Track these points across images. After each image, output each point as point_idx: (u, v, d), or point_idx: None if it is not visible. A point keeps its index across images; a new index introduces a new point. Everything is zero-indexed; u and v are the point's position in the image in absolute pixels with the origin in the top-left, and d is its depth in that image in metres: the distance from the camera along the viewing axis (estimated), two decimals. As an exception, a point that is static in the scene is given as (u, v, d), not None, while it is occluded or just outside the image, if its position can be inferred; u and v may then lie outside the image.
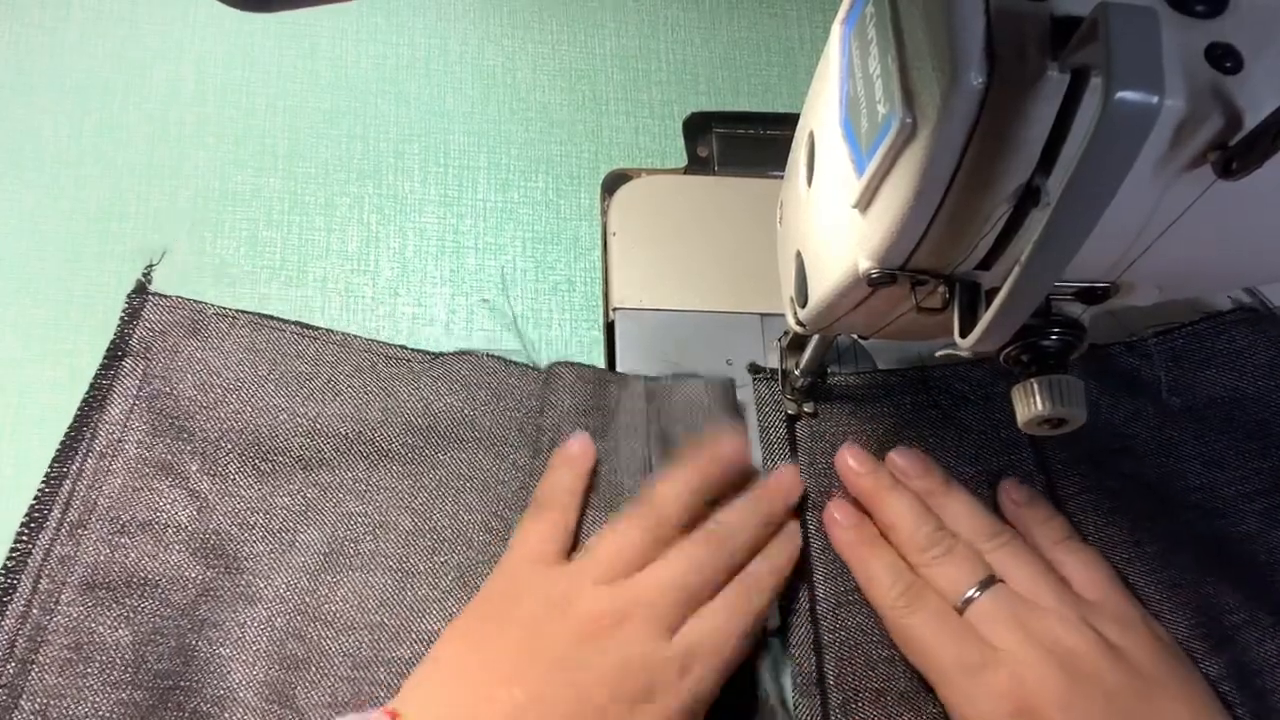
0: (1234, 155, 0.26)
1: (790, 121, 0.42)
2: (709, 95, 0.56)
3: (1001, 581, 0.40)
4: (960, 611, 0.40)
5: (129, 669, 0.38)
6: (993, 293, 0.29)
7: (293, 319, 0.47)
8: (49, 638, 0.38)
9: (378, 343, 0.47)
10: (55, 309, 0.46)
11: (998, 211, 0.29)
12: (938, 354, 0.36)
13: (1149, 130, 0.23)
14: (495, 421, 0.46)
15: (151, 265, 0.47)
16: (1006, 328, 0.29)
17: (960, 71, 0.26)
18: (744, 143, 0.55)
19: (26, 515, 0.40)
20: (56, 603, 0.39)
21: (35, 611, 0.39)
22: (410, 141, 0.53)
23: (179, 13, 0.54)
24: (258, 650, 0.40)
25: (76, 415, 0.43)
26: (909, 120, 0.28)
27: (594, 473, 0.44)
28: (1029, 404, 0.32)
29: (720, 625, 0.39)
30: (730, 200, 0.53)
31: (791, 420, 0.47)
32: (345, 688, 0.39)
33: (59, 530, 0.40)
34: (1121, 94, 0.22)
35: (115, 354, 0.44)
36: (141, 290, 0.46)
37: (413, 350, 0.47)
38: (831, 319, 0.38)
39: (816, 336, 0.44)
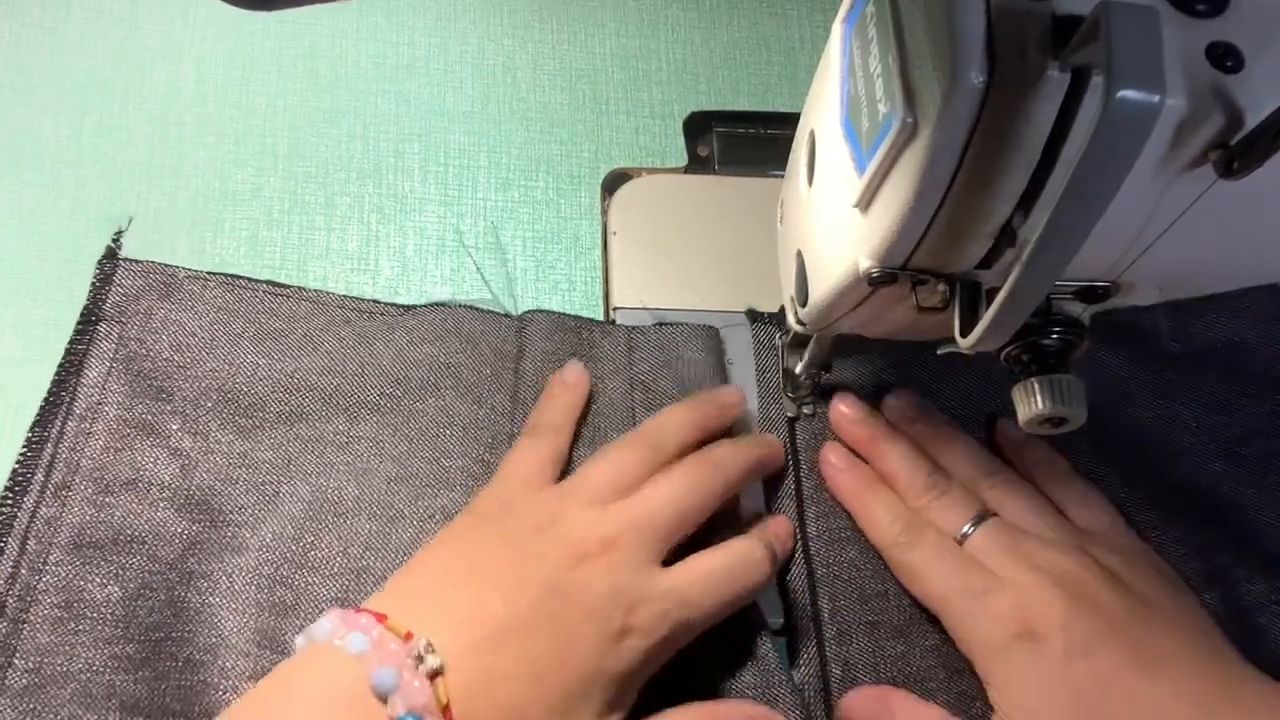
0: (1235, 154, 0.26)
1: (791, 121, 0.42)
2: (709, 95, 0.56)
3: (998, 516, 0.41)
4: (959, 544, 0.40)
5: (120, 624, 0.39)
6: (993, 292, 0.29)
7: (264, 279, 0.47)
8: (39, 597, 0.39)
9: (350, 298, 0.48)
10: (55, 309, 0.46)
11: (998, 211, 0.29)
12: (939, 353, 0.36)
13: (1150, 129, 0.23)
14: (472, 368, 0.47)
15: (121, 231, 0.47)
16: (1007, 327, 0.29)
17: (961, 71, 0.26)
18: (744, 142, 0.55)
19: (10, 479, 0.41)
20: (45, 563, 0.40)
21: (24, 572, 0.39)
22: (410, 141, 0.53)
23: (179, 13, 0.54)
24: (246, 599, 0.40)
25: (54, 380, 0.43)
26: (910, 119, 0.28)
27: (588, 401, 0.45)
28: (1030, 403, 0.32)
29: (715, 576, 0.38)
30: (730, 200, 0.53)
31: (791, 422, 0.47)
32: None
33: (43, 492, 0.41)
34: (1122, 93, 0.22)
35: (89, 319, 0.45)
36: (112, 256, 0.46)
37: (386, 304, 0.48)
38: (832, 318, 0.38)
39: (817, 336, 0.44)
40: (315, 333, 0.46)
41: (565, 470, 0.43)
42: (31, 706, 0.37)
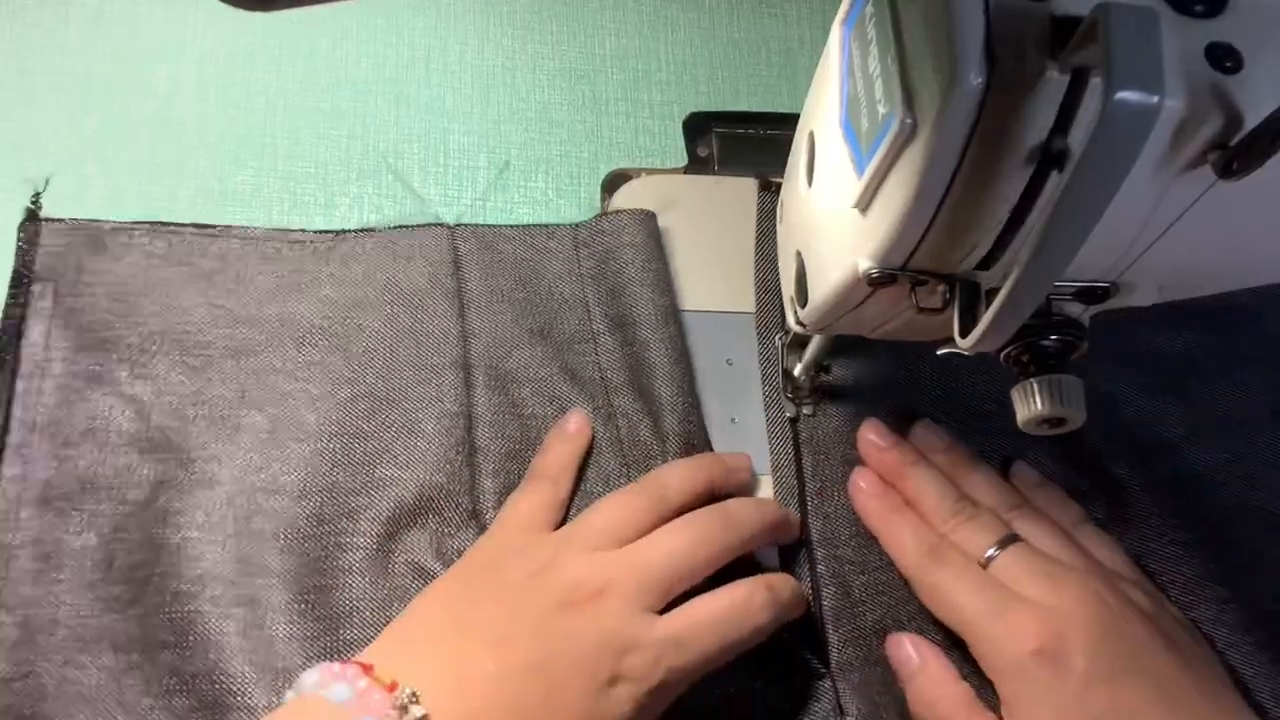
0: (1234, 155, 0.26)
1: (790, 122, 0.42)
2: (709, 95, 0.56)
3: (1023, 541, 0.41)
4: (984, 567, 0.40)
5: (101, 568, 0.40)
6: (992, 293, 0.29)
7: (189, 222, 0.48)
8: (16, 553, 0.40)
9: (278, 230, 0.48)
10: (55, 309, 0.46)
11: (998, 212, 0.29)
12: (939, 353, 0.36)
13: (1149, 130, 0.23)
14: (408, 279, 0.47)
15: (39, 193, 0.47)
16: (1006, 328, 0.29)
17: (960, 71, 0.26)
18: (744, 143, 0.55)
19: None
20: (17, 519, 0.40)
21: None
22: (410, 141, 0.53)
23: (179, 13, 0.54)
24: (225, 530, 0.41)
25: None
26: (909, 120, 0.28)
27: (590, 448, 0.44)
28: (1029, 404, 0.32)
29: (713, 624, 0.37)
30: (730, 200, 0.53)
31: (792, 422, 0.47)
32: (313, 545, 0.42)
33: (2, 454, 0.41)
34: (1121, 94, 0.22)
35: (20, 281, 0.45)
36: (34, 217, 0.46)
37: (314, 232, 0.48)
38: (831, 319, 0.38)
39: (817, 336, 0.44)
40: (249, 269, 0.47)
41: (566, 516, 0.42)
42: (25, 656, 0.38)
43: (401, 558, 0.42)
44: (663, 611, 0.37)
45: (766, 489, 0.45)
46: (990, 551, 0.40)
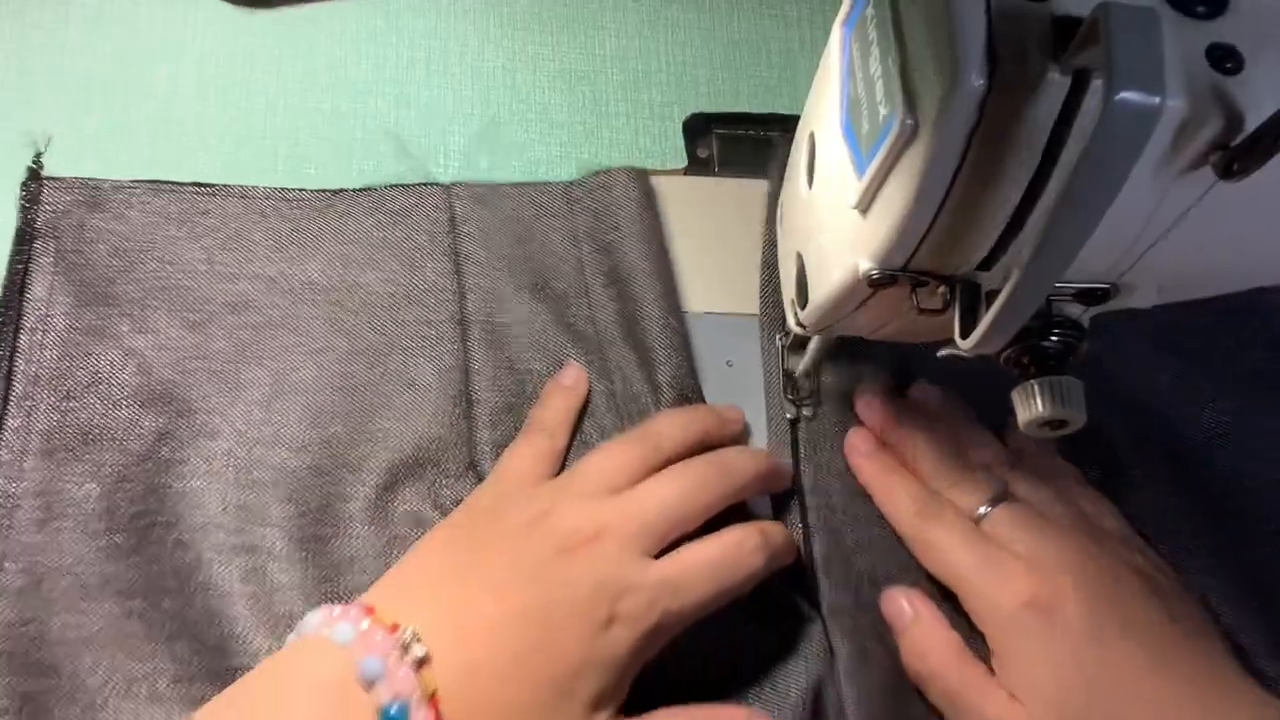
0: (1235, 156, 0.26)
1: (790, 123, 0.42)
2: (709, 96, 0.56)
3: (1018, 499, 0.41)
4: (977, 524, 0.40)
5: (103, 518, 0.41)
6: (993, 294, 0.29)
7: (190, 181, 0.48)
8: (20, 503, 0.41)
9: (277, 189, 0.49)
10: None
11: (999, 213, 0.29)
12: (939, 354, 0.36)
13: (1150, 131, 0.23)
14: (406, 237, 0.48)
15: (40, 152, 0.48)
16: (1007, 329, 0.29)
17: (961, 73, 0.26)
18: (744, 144, 0.55)
19: None
20: (20, 470, 0.41)
21: (1, 481, 0.41)
22: (410, 142, 0.53)
23: (179, 13, 0.54)
24: (226, 479, 0.43)
25: (0, 300, 0.44)
26: (910, 122, 0.28)
27: (587, 401, 0.45)
28: (1029, 406, 0.32)
29: (707, 568, 0.38)
30: (730, 201, 0.53)
31: (793, 424, 0.47)
32: (313, 495, 0.43)
33: (5, 405, 0.42)
34: (1122, 95, 0.22)
35: (24, 238, 0.45)
36: (36, 176, 0.47)
37: (313, 191, 0.49)
38: (832, 320, 0.38)
39: (817, 338, 0.44)
40: (249, 226, 0.48)
41: (561, 470, 0.43)
42: (30, 603, 0.39)
43: (401, 507, 0.43)
44: (657, 557, 0.38)
45: (760, 442, 0.46)
46: (982, 509, 0.41)
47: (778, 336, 0.48)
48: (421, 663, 0.33)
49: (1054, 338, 0.31)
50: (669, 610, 0.37)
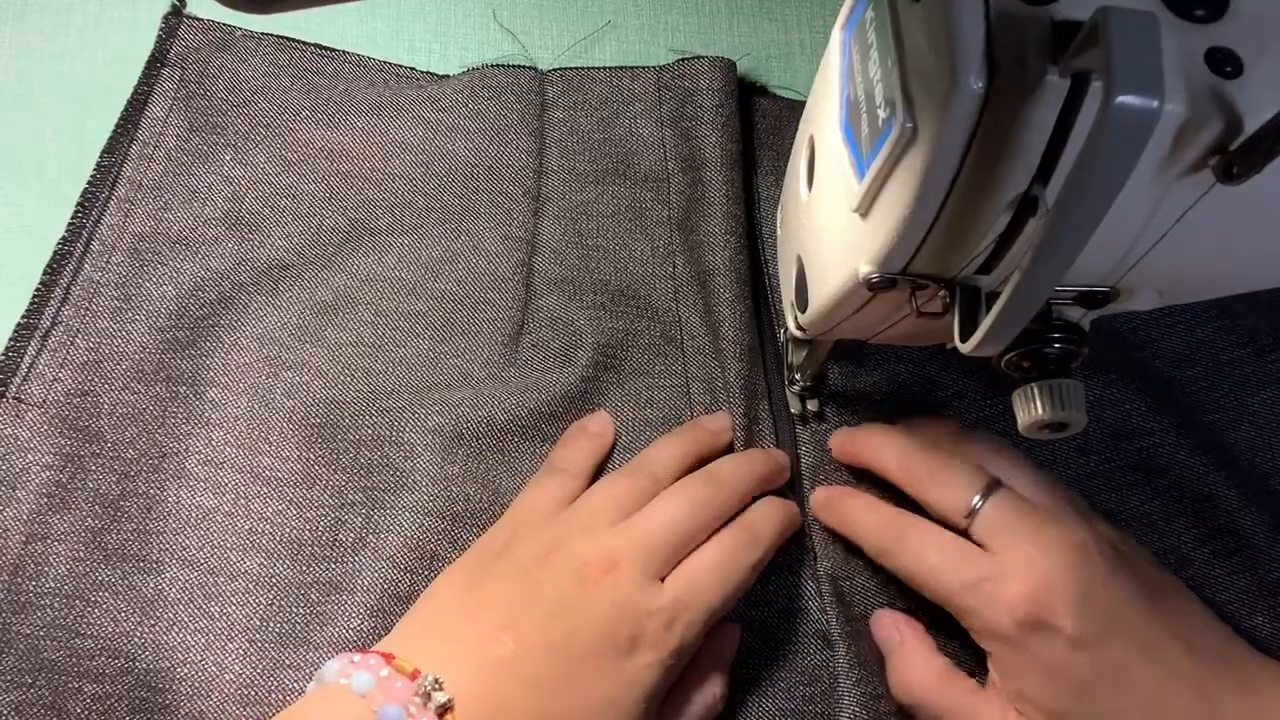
0: (1234, 159, 0.26)
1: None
2: (709, 100, 0.56)
3: (1006, 487, 0.40)
4: (967, 524, 0.39)
5: (172, 316, 0.45)
6: (993, 297, 0.29)
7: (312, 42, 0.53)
8: (101, 290, 0.45)
9: (390, 63, 0.53)
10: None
11: (998, 216, 0.29)
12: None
13: (1149, 135, 0.23)
14: (498, 112, 0.52)
15: None
16: (1006, 333, 0.29)
17: (960, 76, 0.26)
18: (744, 146, 0.55)
19: (81, 196, 0.46)
20: (107, 262, 0.46)
21: (88, 268, 0.45)
22: (410, 146, 0.53)
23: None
24: (290, 298, 0.47)
25: (121, 115, 0.49)
26: (909, 125, 0.28)
27: (610, 450, 0.45)
28: (1030, 409, 0.32)
29: (711, 573, 0.38)
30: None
31: (794, 422, 0.47)
32: (369, 331, 0.47)
33: (108, 203, 0.47)
34: (1122, 98, 0.22)
35: (154, 64, 0.50)
36: (177, 13, 0.52)
37: (422, 71, 0.53)
38: (831, 323, 0.38)
39: (817, 340, 0.44)
40: (356, 89, 0.52)
41: None
42: (90, 377, 0.43)
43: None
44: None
45: (764, 435, 0.46)
46: (975, 502, 0.39)
47: (781, 330, 0.48)
48: (445, 709, 0.33)
49: (1054, 341, 0.31)
50: (689, 624, 0.37)
